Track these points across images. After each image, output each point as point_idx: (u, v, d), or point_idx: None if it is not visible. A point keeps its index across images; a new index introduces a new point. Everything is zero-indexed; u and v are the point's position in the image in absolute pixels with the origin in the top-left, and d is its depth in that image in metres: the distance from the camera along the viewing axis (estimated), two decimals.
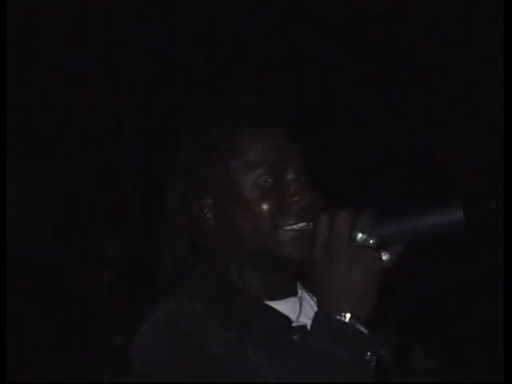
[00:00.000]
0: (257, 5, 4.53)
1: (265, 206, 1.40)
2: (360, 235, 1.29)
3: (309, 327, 1.34)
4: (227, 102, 1.51)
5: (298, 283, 1.50)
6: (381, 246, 1.30)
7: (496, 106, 2.72)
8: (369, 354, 1.27)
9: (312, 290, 1.46)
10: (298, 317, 1.44)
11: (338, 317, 1.27)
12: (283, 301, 1.45)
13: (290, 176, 1.43)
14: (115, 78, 4.98)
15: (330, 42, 4.89)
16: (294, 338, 1.39)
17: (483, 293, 3.52)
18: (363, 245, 1.29)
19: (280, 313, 1.42)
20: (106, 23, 4.59)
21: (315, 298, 1.43)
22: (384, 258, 1.30)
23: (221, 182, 1.44)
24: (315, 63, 4.99)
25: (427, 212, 1.28)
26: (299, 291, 1.49)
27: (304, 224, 1.39)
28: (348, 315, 1.27)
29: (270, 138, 1.45)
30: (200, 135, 1.48)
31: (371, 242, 1.29)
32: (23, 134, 5.48)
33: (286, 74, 4.89)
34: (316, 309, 1.34)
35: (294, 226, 1.40)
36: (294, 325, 1.42)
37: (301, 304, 1.47)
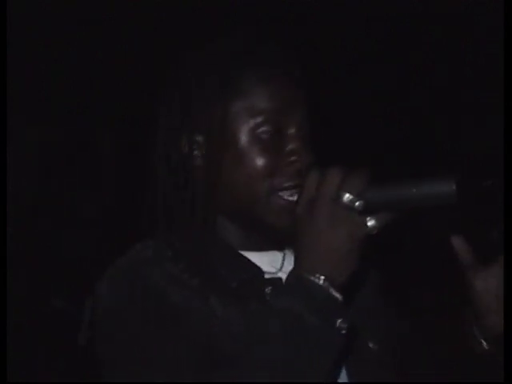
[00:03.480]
0: None
1: (259, 162, 1.29)
2: (347, 196, 1.17)
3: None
4: (234, 36, 1.37)
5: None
6: (368, 211, 1.19)
7: (496, 104, 2.72)
8: (339, 321, 1.15)
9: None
10: (278, 271, 1.35)
11: (312, 278, 1.16)
12: (263, 252, 1.35)
13: (292, 130, 1.31)
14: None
15: (330, 34, 4.87)
16: (266, 290, 1.30)
17: None
18: (349, 207, 1.18)
19: (251, 262, 1.33)
20: None
21: None
22: (369, 223, 1.19)
23: (215, 121, 1.30)
24: (316, 62, 4.98)
25: (420, 182, 1.18)
26: (286, 247, 1.39)
27: (296, 190, 1.28)
28: (322, 278, 1.16)
29: (277, 82, 1.31)
30: (194, 69, 1.34)
31: (357, 204, 1.17)
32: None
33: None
34: None
35: (287, 193, 1.29)
36: (267, 277, 1.32)
37: (284, 260, 1.38)
